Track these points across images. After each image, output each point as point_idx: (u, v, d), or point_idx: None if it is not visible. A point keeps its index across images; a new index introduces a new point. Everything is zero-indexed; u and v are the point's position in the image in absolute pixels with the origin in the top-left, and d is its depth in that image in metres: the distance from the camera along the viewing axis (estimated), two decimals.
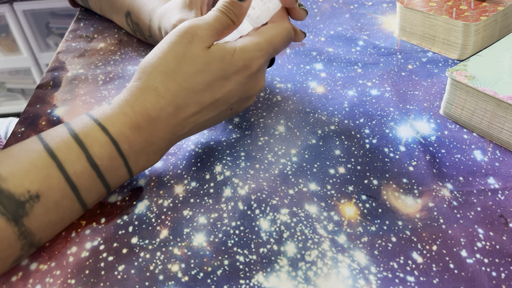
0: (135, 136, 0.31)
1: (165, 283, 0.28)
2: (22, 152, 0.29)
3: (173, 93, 0.31)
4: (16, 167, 0.28)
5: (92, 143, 0.29)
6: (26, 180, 0.27)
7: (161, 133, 0.31)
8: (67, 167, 0.29)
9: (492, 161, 0.35)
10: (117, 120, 0.30)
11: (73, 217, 0.31)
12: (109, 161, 0.30)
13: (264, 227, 0.31)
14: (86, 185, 0.30)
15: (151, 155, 0.32)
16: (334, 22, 0.56)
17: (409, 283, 0.28)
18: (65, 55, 0.51)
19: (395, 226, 0.31)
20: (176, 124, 0.32)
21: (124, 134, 0.30)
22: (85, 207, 0.31)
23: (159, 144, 0.32)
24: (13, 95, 1.71)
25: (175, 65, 0.31)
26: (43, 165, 0.28)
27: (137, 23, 0.48)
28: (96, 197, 0.31)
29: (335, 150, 0.37)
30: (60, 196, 0.28)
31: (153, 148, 0.32)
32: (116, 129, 0.30)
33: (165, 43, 0.32)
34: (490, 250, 0.29)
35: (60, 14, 1.56)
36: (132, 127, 0.30)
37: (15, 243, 0.27)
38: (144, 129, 0.31)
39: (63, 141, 0.29)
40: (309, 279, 0.28)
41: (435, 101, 0.42)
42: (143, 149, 0.31)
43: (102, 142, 0.30)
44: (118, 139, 0.30)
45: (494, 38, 0.47)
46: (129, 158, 0.31)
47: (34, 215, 0.27)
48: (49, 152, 0.29)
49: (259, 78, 0.34)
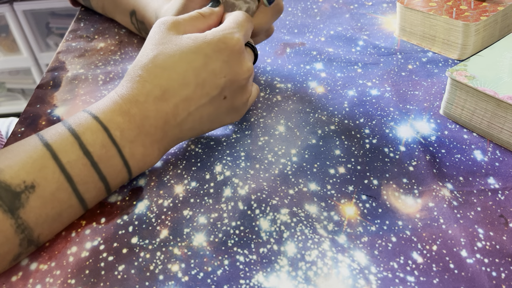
0: (126, 122, 0.31)
1: (165, 283, 0.28)
2: (19, 147, 0.29)
3: (156, 75, 0.32)
4: (13, 160, 0.28)
5: (84, 131, 0.30)
6: (22, 171, 0.28)
7: (153, 119, 0.32)
8: (61, 156, 0.29)
9: (492, 161, 0.35)
10: (107, 108, 0.31)
11: (72, 213, 0.31)
12: (102, 148, 0.30)
13: (264, 227, 0.31)
14: (81, 176, 0.30)
15: (147, 146, 0.32)
16: (334, 22, 0.56)
17: (409, 283, 0.28)
18: (65, 55, 0.51)
19: (395, 226, 0.31)
20: (167, 110, 0.32)
21: (114, 121, 0.31)
22: (83, 204, 0.31)
23: (153, 134, 0.32)
24: (13, 95, 1.71)
25: (153, 51, 0.33)
26: (38, 156, 0.29)
27: (142, 21, 0.49)
28: (94, 192, 0.31)
29: (335, 150, 0.37)
30: (55, 187, 0.29)
31: (148, 138, 0.32)
32: (106, 116, 0.31)
33: (146, 41, 0.34)
34: (490, 250, 0.29)
35: (60, 14, 1.56)
36: (122, 113, 0.31)
37: (13, 237, 0.27)
38: (134, 115, 0.31)
39: (57, 133, 0.30)
40: (309, 279, 0.28)
41: (435, 101, 0.42)
42: (136, 137, 0.31)
43: (93, 129, 0.30)
44: (108, 125, 0.31)
45: (494, 38, 0.48)
46: (122, 146, 0.31)
47: (30, 207, 0.28)
48: (44, 144, 0.29)
49: (242, 58, 0.34)
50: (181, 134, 0.34)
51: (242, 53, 0.34)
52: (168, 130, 0.33)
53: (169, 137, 0.33)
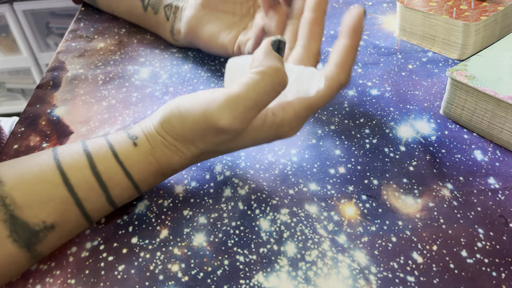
0: (157, 180, 0.31)
1: (165, 283, 0.28)
2: (38, 179, 0.27)
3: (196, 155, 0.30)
4: (31, 197, 0.27)
5: (115, 186, 0.29)
6: (43, 212, 0.27)
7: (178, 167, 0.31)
8: (86, 205, 0.28)
9: (492, 161, 0.35)
10: (143, 168, 0.30)
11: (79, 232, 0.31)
12: (127, 199, 0.31)
13: (264, 227, 0.31)
14: (99, 215, 0.30)
15: (160, 180, 0.32)
16: (334, 22, 0.56)
17: (409, 283, 0.28)
18: (65, 55, 0.51)
19: (395, 226, 0.31)
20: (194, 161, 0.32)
21: (147, 181, 0.30)
22: (91, 224, 0.31)
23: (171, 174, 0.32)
24: (13, 95, 1.71)
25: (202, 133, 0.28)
26: (61, 200, 0.27)
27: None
28: (103, 214, 0.31)
29: (335, 150, 0.37)
30: (74, 227, 0.29)
31: (165, 177, 0.32)
32: (140, 176, 0.30)
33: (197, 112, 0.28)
34: (490, 250, 0.29)
35: (60, 14, 1.56)
36: (157, 175, 0.31)
37: (26, 265, 0.28)
38: (166, 174, 0.31)
39: (84, 179, 0.28)
40: (309, 279, 0.28)
41: (435, 101, 0.42)
42: (158, 181, 0.32)
43: (124, 186, 0.29)
44: (140, 184, 0.30)
45: (494, 38, 0.47)
46: (142, 187, 0.31)
47: (47, 242, 0.28)
48: (68, 188, 0.28)
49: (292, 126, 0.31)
50: None
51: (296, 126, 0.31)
52: None
53: None
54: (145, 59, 0.49)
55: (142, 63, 0.49)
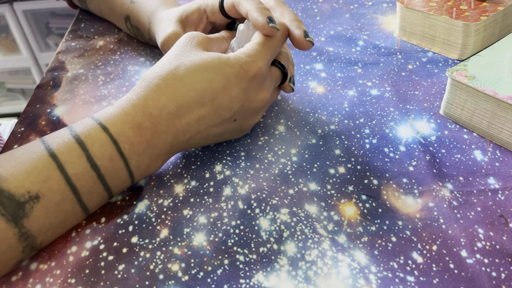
0: (137, 136, 0.30)
1: (165, 282, 0.28)
2: (25, 154, 0.29)
3: (173, 88, 0.31)
4: (17, 169, 0.28)
5: (93, 143, 0.29)
6: (27, 181, 0.27)
7: (163, 134, 0.31)
8: (67, 168, 0.28)
9: (492, 161, 0.35)
10: (118, 119, 0.30)
11: (75, 221, 0.31)
12: (110, 162, 0.30)
13: (264, 227, 0.31)
14: (86, 188, 0.29)
15: (153, 159, 0.32)
16: (334, 22, 0.56)
17: (409, 283, 0.28)
18: (65, 55, 0.51)
19: (395, 226, 0.31)
20: (178, 127, 0.32)
21: (125, 134, 0.30)
22: (86, 211, 0.31)
23: (161, 148, 0.32)
24: (13, 95, 1.71)
25: (177, 61, 0.32)
26: (44, 166, 0.28)
27: (137, 27, 0.48)
28: (98, 201, 0.31)
29: (335, 150, 0.37)
30: (60, 198, 0.28)
31: (155, 151, 0.32)
32: (117, 128, 0.30)
33: (169, 50, 0.34)
34: (490, 250, 0.29)
35: (60, 14, 1.56)
36: (134, 126, 0.30)
37: (16, 245, 0.27)
38: (146, 129, 0.31)
39: (64, 142, 0.29)
40: (309, 279, 0.28)
41: (435, 101, 0.42)
42: (144, 151, 0.31)
43: (102, 141, 0.29)
44: (118, 139, 0.30)
45: (494, 38, 0.48)
46: (130, 159, 0.31)
47: (34, 217, 0.27)
48: (50, 154, 0.28)
49: (261, 85, 0.34)
50: (186, 147, 0.34)
51: (261, 82, 0.34)
52: (175, 144, 0.33)
53: (175, 150, 0.33)
54: (145, 59, 0.49)
55: (142, 63, 0.49)
